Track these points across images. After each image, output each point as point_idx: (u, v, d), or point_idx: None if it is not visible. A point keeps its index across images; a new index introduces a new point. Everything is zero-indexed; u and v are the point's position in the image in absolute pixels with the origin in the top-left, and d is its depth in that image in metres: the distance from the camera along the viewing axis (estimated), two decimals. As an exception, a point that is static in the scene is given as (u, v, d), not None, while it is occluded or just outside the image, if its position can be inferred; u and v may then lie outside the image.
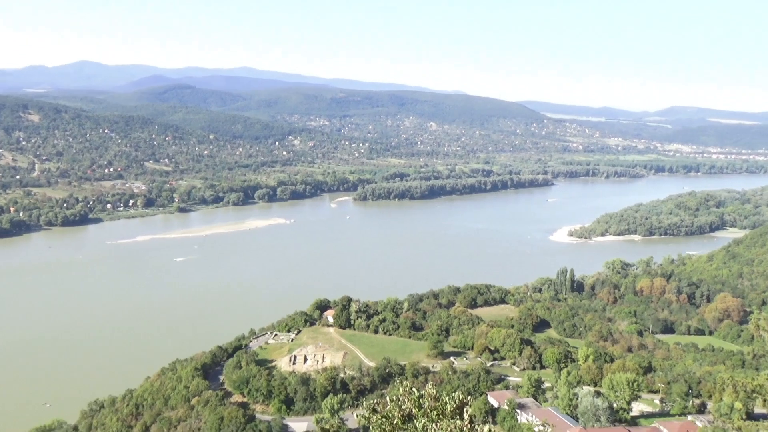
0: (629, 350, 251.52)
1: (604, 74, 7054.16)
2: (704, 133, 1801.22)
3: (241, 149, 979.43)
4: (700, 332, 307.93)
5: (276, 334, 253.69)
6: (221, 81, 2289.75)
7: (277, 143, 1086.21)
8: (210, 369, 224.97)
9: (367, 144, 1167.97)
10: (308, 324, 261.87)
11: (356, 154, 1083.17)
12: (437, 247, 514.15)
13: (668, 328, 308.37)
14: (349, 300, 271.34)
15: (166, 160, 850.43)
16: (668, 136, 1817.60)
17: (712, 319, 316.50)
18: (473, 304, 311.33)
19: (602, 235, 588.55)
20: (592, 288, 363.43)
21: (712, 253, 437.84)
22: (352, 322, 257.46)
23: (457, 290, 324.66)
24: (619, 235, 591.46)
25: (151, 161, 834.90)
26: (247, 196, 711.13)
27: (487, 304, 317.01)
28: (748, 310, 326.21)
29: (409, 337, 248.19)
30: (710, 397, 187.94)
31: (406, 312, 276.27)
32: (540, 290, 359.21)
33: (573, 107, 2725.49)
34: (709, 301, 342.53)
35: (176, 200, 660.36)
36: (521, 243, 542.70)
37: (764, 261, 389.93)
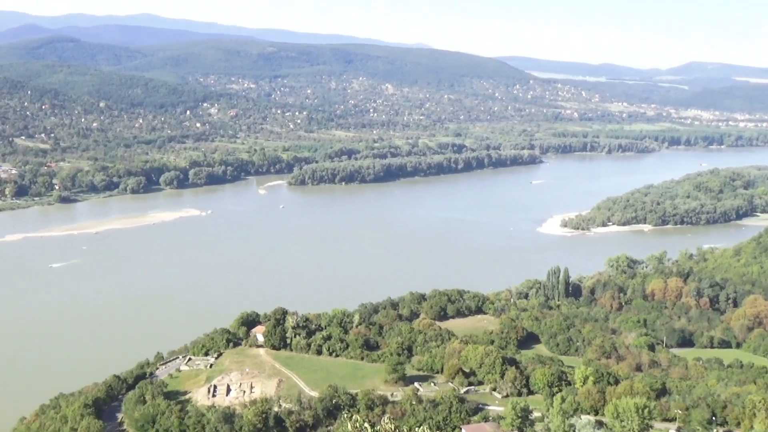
0: (638, 369, 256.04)
1: (603, 23, 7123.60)
2: (729, 96, 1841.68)
3: (141, 120, 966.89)
4: (725, 344, 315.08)
5: (190, 359, 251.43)
6: (115, 32, 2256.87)
7: (188, 112, 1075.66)
8: (104, 405, 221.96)
9: (305, 112, 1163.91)
10: (232, 345, 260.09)
11: (291, 126, 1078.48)
12: (396, 244, 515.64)
13: (686, 341, 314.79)
14: (285, 313, 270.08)
15: (43, 135, 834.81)
16: (684, 99, 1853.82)
17: (740, 327, 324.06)
18: (443, 315, 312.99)
19: (603, 225, 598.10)
20: (592, 292, 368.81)
21: (739, 246, 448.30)
22: (288, 340, 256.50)
23: (422, 298, 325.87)
24: (624, 224, 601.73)
25: (23, 137, 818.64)
26: (150, 181, 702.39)
27: (460, 314, 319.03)
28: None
29: (362, 359, 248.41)
30: (738, 424, 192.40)
31: (357, 327, 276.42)
32: (527, 296, 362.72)
33: (566, 64, 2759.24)
34: (736, 305, 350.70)
35: (57, 187, 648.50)
36: (502, 237, 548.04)
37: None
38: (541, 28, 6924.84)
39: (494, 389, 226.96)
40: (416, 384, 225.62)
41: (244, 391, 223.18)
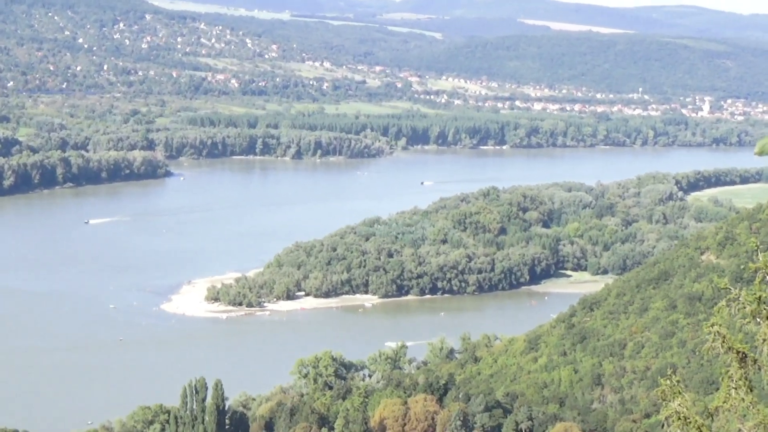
0: None
1: None
2: (515, 55, 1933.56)
3: None
4: None
5: None
6: None
7: None
8: None
9: None
10: None
11: None
12: None
13: None
14: None
15: None
16: (436, 58, 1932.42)
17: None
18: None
19: (289, 296, 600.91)
20: (269, 426, 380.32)
21: (535, 334, 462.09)
22: None
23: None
24: (328, 295, 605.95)
25: None
26: None
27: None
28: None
29: None
30: None
31: None
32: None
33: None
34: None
35: None
36: (96, 322, 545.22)
37: (649, 343, 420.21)
38: None
39: None
40: None
41: None
